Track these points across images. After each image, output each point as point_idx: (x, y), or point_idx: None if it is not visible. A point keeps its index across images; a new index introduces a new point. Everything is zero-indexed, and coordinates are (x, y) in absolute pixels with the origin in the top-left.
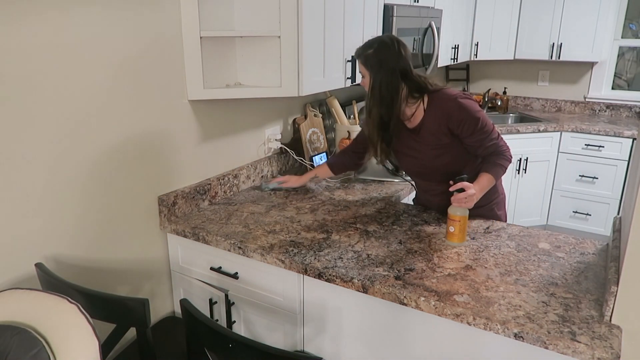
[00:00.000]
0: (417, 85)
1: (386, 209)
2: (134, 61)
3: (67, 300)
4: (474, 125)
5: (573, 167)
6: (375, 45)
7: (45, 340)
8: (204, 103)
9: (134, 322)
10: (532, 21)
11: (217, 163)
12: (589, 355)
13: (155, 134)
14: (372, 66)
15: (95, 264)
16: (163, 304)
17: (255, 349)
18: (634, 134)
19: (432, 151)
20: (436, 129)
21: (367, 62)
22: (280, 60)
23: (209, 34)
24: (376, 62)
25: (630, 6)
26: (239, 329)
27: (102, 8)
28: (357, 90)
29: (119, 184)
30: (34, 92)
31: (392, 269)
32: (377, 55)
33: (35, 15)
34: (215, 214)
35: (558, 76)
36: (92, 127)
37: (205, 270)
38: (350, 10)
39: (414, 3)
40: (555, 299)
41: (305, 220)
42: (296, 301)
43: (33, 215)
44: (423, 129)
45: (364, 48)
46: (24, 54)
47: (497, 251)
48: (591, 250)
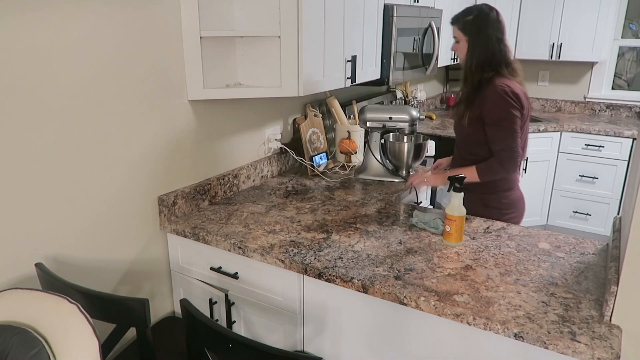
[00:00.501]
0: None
1: (386, 209)
2: (134, 61)
3: (67, 300)
4: (495, 118)
5: (573, 167)
6: (475, 12)
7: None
8: (204, 103)
9: (134, 322)
10: (532, 21)
11: (217, 163)
12: (589, 355)
13: (155, 133)
14: (471, 32)
15: (95, 264)
16: (163, 304)
17: (255, 349)
18: (634, 134)
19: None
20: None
21: (466, 27)
22: (280, 60)
23: (209, 34)
24: (475, 29)
25: (630, 6)
26: (239, 329)
27: (101, 8)
28: (357, 90)
29: (120, 184)
30: (34, 92)
31: (392, 269)
32: (476, 22)
33: (34, 16)
34: (215, 214)
35: (558, 76)
36: (92, 127)
37: (205, 270)
38: (350, 10)
39: (414, 3)
40: (555, 299)
41: (305, 220)
42: (296, 301)
43: (33, 215)
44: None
45: (463, 14)
46: (24, 54)
47: (497, 251)
48: (591, 250)
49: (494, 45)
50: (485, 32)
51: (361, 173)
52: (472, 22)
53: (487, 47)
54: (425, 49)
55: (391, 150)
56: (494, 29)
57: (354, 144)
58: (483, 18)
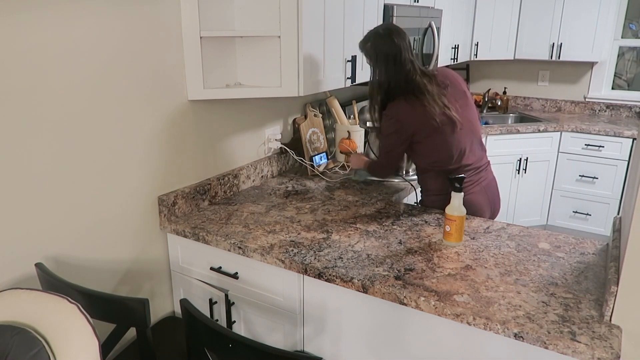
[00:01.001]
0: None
1: (386, 209)
2: (134, 61)
3: (67, 300)
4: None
5: (573, 167)
6: (371, 39)
7: (45, 340)
8: (204, 103)
9: (134, 322)
10: (532, 21)
11: (217, 163)
12: (589, 355)
13: (155, 133)
14: (371, 57)
15: (95, 264)
16: (163, 304)
17: (255, 349)
18: (634, 134)
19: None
20: None
21: (367, 54)
22: (280, 60)
23: (209, 34)
24: (372, 54)
25: (630, 6)
26: (239, 329)
27: (101, 8)
28: (357, 90)
29: (120, 184)
30: (34, 92)
31: (392, 269)
32: (372, 48)
33: (34, 16)
34: (215, 214)
35: (558, 76)
36: (92, 127)
37: (205, 270)
38: (350, 10)
39: (414, 3)
40: (555, 299)
41: (305, 220)
42: (296, 301)
43: (33, 215)
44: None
45: (363, 41)
46: (24, 55)
47: (497, 251)
48: (591, 250)
49: (392, 66)
50: (382, 54)
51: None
52: (370, 49)
53: (387, 69)
54: (425, 49)
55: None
56: (390, 49)
57: (354, 144)
58: (378, 41)
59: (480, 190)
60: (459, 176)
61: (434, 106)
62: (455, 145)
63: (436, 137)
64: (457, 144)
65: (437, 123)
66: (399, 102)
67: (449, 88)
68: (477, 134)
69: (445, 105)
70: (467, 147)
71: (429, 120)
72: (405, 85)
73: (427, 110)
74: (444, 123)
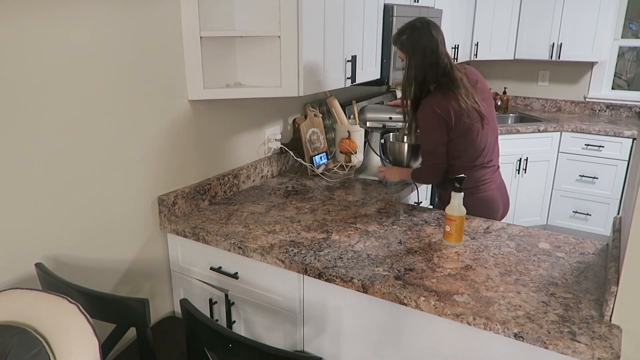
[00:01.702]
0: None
1: (386, 209)
2: (134, 61)
3: (67, 300)
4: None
5: (573, 167)
6: (408, 30)
7: (45, 340)
8: (204, 103)
9: (134, 322)
10: (532, 21)
11: (217, 163)
12: (589, 355)
13: (155, 133)
14: (408, 50)
15: (95, 264)
16: (163, 304)
17: (255, 349)
18: (634, 134)
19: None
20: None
21: (403, 46)
22: (280, 60)
23: (209, 34)
24: (410, 46)
25: (630, 6)
26: (239, 329)
27: (101, 8)
28: (357, 90)
29: (120, 184)
30: (34, 92)
31: (392, 269)
32: (410, 39)
33: (35, 17)
34: (215, 214)
35: (558, 76)
36: (92, 127)
37: (205, 270)
38: (350, 10)
39: (414, 3)
40: (555, 299)
41: (305, 220)
42: (296, 301)
43: (33, 215)
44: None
45: (399, 34)
46: (23, 55)
47: (497, 251)
48: (591, 250)
49: (430, 59)
50: (420, 48)
51: (361, 173)
52: (406, 41)
53: (424, 62)
54: None
55: (391, 150)
56: (428, 43)
57: (354, 144)
58: (416, 34)
59: (497, 189)
60: (459, 176)
61: (467, 101)
62: (483, 141)
63: (468, 134)
64: (484, 140)
65: (470, 119)
66: (436, 95)
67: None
68: (497, 133)
69: (476, 101)
70: (491, 145)
71: (463, 115)
72: (442, 78)
73: (461, 104)
74: (475, 119)
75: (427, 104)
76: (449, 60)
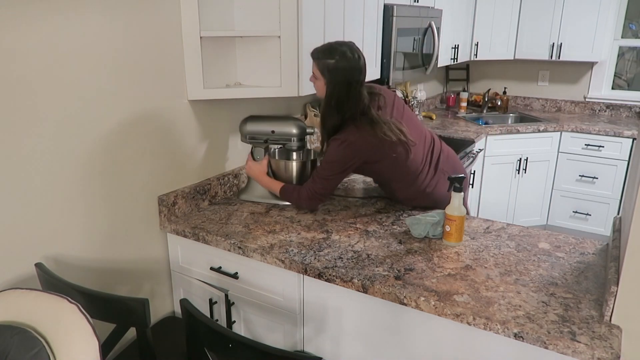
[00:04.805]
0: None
1: (386, 209)
2: (134, 61)
3: (67, 300)
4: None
5: (573, 167)
6: (337, 56)
7: (45, 340)
8: (204, 103)
9: (134, 322)
10: (532, 21)
11: (217, 163)
12: (589, 355)
13: (155, 133)
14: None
15: (95, 264)
16: (163, 304)
17: (255, 349)
18: (634, 134)
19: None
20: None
21: (324, 69)
22: (280, 60)
23: (209, 34)
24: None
25: (630, 6)
26: (239, 329)
27: (101, 8)
28: None
29: (119, 184)
30: (34, 92)
31: (392, 269)
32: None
33: (35, 16)
34: (215, 214)
35: (558, 76)
36: (92, 127)
37: (205, 270)
38: (350, 10)
39: (414, 3)
40: (555, 299)
41: (305, 220)
42: (296, 301)
43: (33, 215)
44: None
45: (324, 54)
46: (23, 55)
47: (497, 251)
48: (591, 250)
49: (353, 93)
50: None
51: (243, 194)
52: (333, 66)
53: (345, 93)
54: (425, 49)
55: (275, 168)
56: (352, 73)
57: None
58: (345, 62)
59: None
60: (459, 176)
61: (392, 136)
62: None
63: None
64: (413, 164)
65: (393, 150)
66: (354, 130)
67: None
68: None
69: (401, 130)
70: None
71: (384, 148)
72: (360, 117)
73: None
74: (397, 149)
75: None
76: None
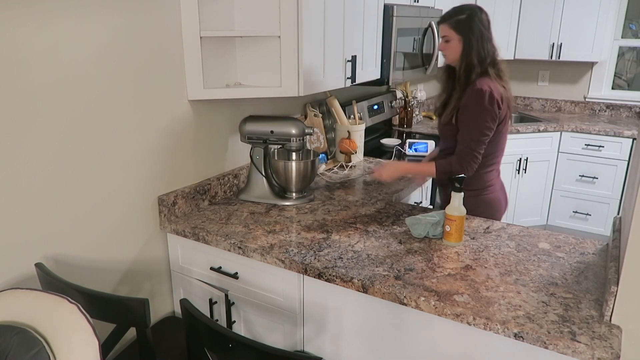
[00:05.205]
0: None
1: (386, 209)
2: (134, 61)
3: (67, 300)
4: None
5: (573, 167)
6: (467, 11)
7: (45, 340)
8: (204, 103)
9: (134, 322)
10: (532, 21)
11: (217, 163)
12: (589, 355)
13: (155, 133)
14: (464, 31)
15: (95, 264)
16: (163, 304)
17: (255, 349)
18: (634, 134)
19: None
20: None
21: (459, 26)
22: (280, 60)
23: (209, 34)
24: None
25: (630, 6)
26: (239, 329)
27: (101, 8)
28: (357, 90)
29: (120, 184)
30: (35, 92)
31: (392, 269)
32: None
33: (35, 15)
34: (215, 214)
35: (558, 76)
36: (92, 127)
37: (205, 270)
38: (350, 10)
39: (414, 3)
40: (555, 299)
41: (305, 220)
42: (296, 301)
43: (33, 215)
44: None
45: (455, 12)
46: (24, 54)
47: (497, 251)
48: (591, 250)
49: (486, 44)
50: (479, 31)
51: (243, 194)
52: (465, 21)
53: (481, 46)
54: (425, 49)
55: (275, 168)
56: (485, 29)
57: (354, 144)
58: (476, 17)
59: (500, 189)
60: (459, 176)
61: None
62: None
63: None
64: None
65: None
66: (488, 80)
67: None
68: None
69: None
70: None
71: (510, 103)
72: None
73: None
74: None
75: (482, 85)
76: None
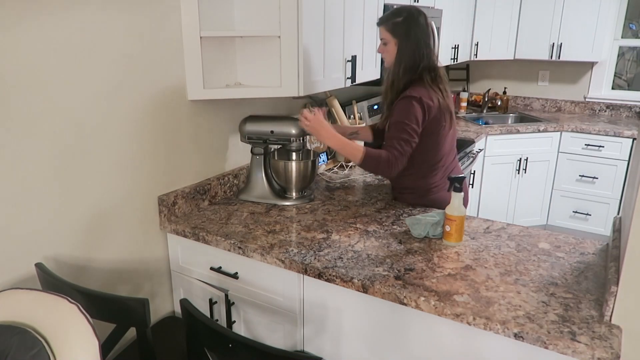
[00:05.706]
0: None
1: (386, 209)
2: (134, 61)
3: (67, 300)
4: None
5: (573, 167)
6: (404, 14)
7: (45, 340)
8: (204, 103)
9: (134, 322)
10: (532, 21)
11: (217, 163)
12: (589, 355)
13: (155, 133)
14: (400, 34)
15: (95, 264)
16: (163, 304)
17: (255, 349)
18: (634, 134)
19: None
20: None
21: (395, 29)
22: (280, 60)
23: (209, 34)
24: (404, 31)
25: (630, 6)
26: (239, 329)
27: (101, 8)
28: (357, 90)
29: (119, 184)
30: (35, 92)
31: (392, 269)
32: (404, 24)
33: (34, 17)
34: (215, 214)
35: (558, 76)
36: (92, 127)
37: (205, 270)
38: (350, 10)
39: (414, 3)
40: (555, 299)
41: (305, 220)
42: (296, 301)
43: (33, 215)
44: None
45: (392, 15)
46: (24, 55)
47: (497, 251)
48: (591, 250)
49: (422, 49)
50: (414, 35)
51: (243, 194)
52: (401, 24)
53: (416, 51)
54: None
55: (275, 169)
56: (422, 33)
57: None
58: (412, 21)
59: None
60: (459, 176)
61: (447, 100)
62: (443, 148)
63: (441, 131)
64: (451, 140)
65: (443, 118)
66: (423, 86)
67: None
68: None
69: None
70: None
71: (445, 111)
72: (428, 73)
73: (440, 101)
74: (446, 119)
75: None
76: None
